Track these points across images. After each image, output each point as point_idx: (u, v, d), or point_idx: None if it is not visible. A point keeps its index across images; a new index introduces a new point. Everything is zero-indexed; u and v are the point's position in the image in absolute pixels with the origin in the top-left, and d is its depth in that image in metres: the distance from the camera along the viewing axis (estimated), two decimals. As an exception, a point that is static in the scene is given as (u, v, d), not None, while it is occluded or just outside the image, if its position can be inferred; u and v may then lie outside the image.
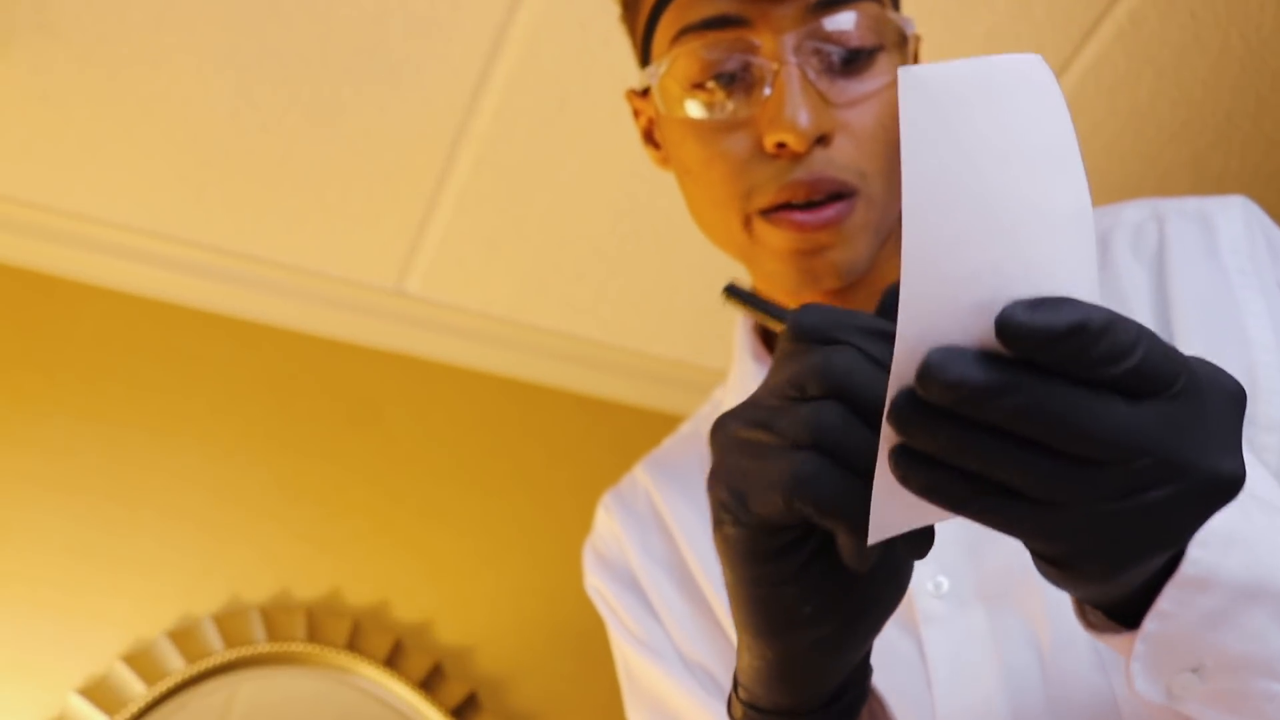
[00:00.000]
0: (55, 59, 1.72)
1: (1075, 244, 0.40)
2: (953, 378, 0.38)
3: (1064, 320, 0.37)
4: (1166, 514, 0.41)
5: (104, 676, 1.78)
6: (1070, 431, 0.38)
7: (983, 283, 0.39)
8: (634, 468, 0.93)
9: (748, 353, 0.84)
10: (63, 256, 1.96)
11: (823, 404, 0.44)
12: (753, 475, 0.46)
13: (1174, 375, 0.40)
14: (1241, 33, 1.80)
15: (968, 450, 0.39)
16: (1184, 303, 0.72)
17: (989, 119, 0.38)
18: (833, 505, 0.43)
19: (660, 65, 0.75)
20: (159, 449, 1.94)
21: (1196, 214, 0.77)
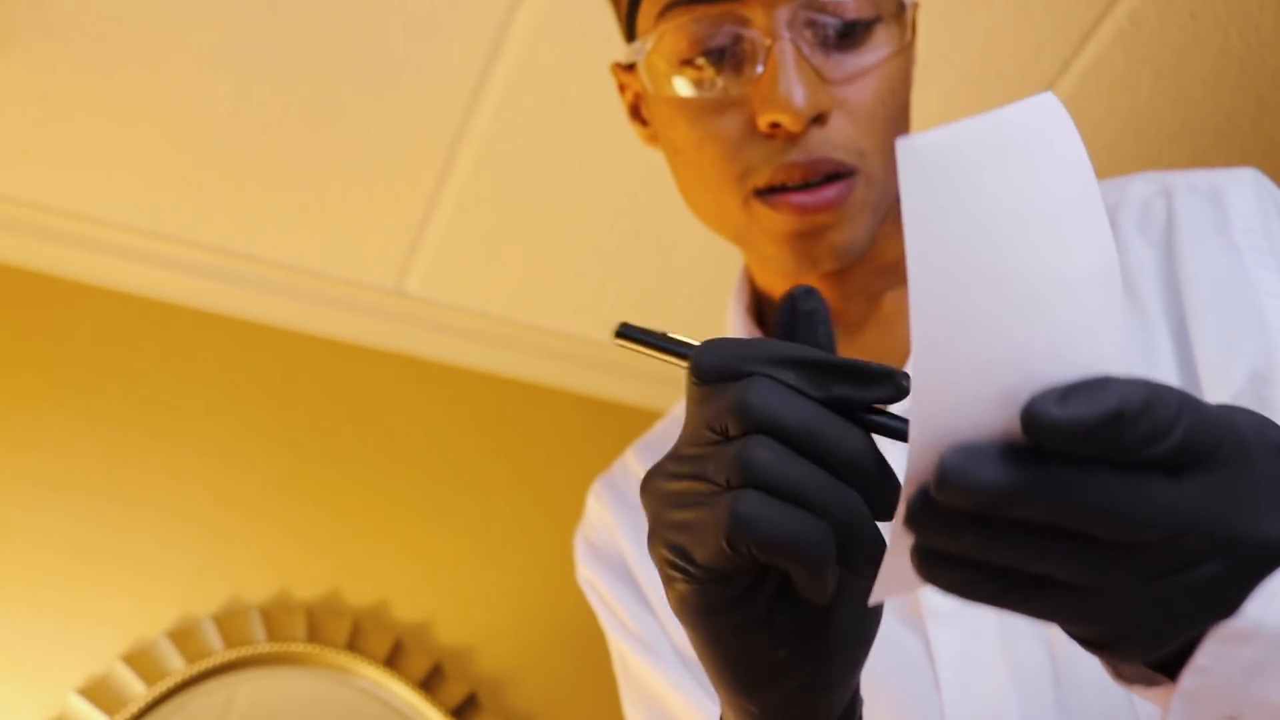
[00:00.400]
0: (55, 59, 1.72)
1: (1103, 306, 0.37)
2: (974, 483, 0.34)
3: (1099, 410, 0.34)
4: (1216, 587, 0.38)
5: (104, 676, 1.78)
6: (1110, 520, 0.35)
7: (1004, 367, 0.35)
8: (625, 452, 0.90)
9: (742, 334, 0.81)
10: (62, 256, 1.96)
11: (749, 440, 0.41)
12: (691, 526, 0.43)
13: (1218, 443, 0.37)
14: (1241, 33, 1.80)
15: (997, 551, 0.36)
16: (1196, 285, 0.69)
17: (999, 183, 0.35)
18: (777, 541, 0.40)
19: (646, 41, 0.71)
20: (159, 449, 1.94)
21: (1207, 189, 0.73)
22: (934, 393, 0.35)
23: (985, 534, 0.36)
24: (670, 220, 1.98)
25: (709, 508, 0.42)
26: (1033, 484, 0.35)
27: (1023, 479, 0.34)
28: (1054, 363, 0.35)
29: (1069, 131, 0.37)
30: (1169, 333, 0.69)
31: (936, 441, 0.35)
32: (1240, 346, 0.66)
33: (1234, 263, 0.69)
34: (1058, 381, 0.35)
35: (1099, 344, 0.36)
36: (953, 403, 0.35)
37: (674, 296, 2.13)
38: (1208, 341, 0.67)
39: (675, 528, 0.44)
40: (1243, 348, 0.66)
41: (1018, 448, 0.35)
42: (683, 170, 0.74)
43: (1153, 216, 0.74)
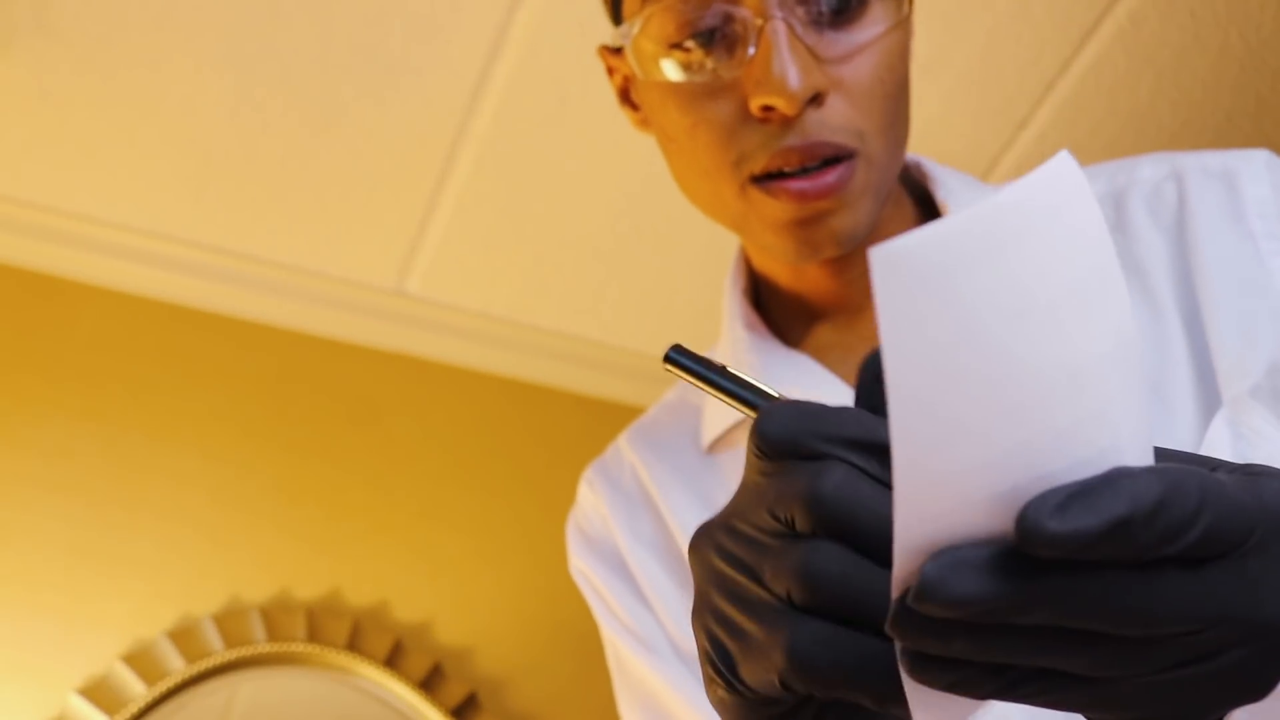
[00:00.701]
0: (55, 59, 1.72)
1: (1119, 388, 0.33)
2: (955, 597, 0.31)
3: (1104, 519, 0.31)
4: (1247, 673, 0.35)
5: (104, 677, 1.78)
6: (1118, 620, 0.32)
7: (999, 469, 0.32)
8: (618, 438, 0.86)
9: (738, 320, 0.78)
10: (62, 256, 1.96)
11: (817, 547, 0.35)
12: (741, 635, 0.38)
13: (1247, 531, 0.33)
14: (1241, 33, 1.80)
15: (994, 653, 0.33)
16: (1210, 273, 0.66)
17: (990, 279, 0.31)
18: (842, 677, 0.35)
19: (633, 24, 0.68)
20: (159, 449, 1.94)
21: (1219, 172, 0.70)
22: (918, 500, 0.32)
23: (979, 638, 0.33)
24: (670, 220, 1.98)
25: (764, 625, 0.37)
26: (1025, 595, 0.31)
27: (1013, 590, 0.31)
28: (1059, 458, 0.32)
29: (1079, 202, 0.33)
30: (1182, 324, 0.67)
31: (923, 545, 0.32)
32: (1258, 337, 0.63)
33: (1249, 250, 0.67)
34: (1063, 478, 0.32)
35: (1113, 431, 0.33)
36: (940, 509, 0.32)
37: (674, 296, 2.13)
38: (1223, 333, 0.64)
39: (723, 623, 0.39)
40: (1260, 339, 0.63)
41: (1010, 555, 0.32)
42: (675, 157, 0.71)
43: (1163, 201, 0.71)
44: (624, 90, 0.77)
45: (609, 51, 0.77)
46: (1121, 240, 0.71)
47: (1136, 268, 0.69)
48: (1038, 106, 1.89)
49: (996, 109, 1.89)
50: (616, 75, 0.78)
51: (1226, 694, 0.36)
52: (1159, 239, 0.70)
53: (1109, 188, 0.74)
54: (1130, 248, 0.70)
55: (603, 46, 0.77)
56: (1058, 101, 1.88)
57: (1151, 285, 0.69)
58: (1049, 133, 1.92)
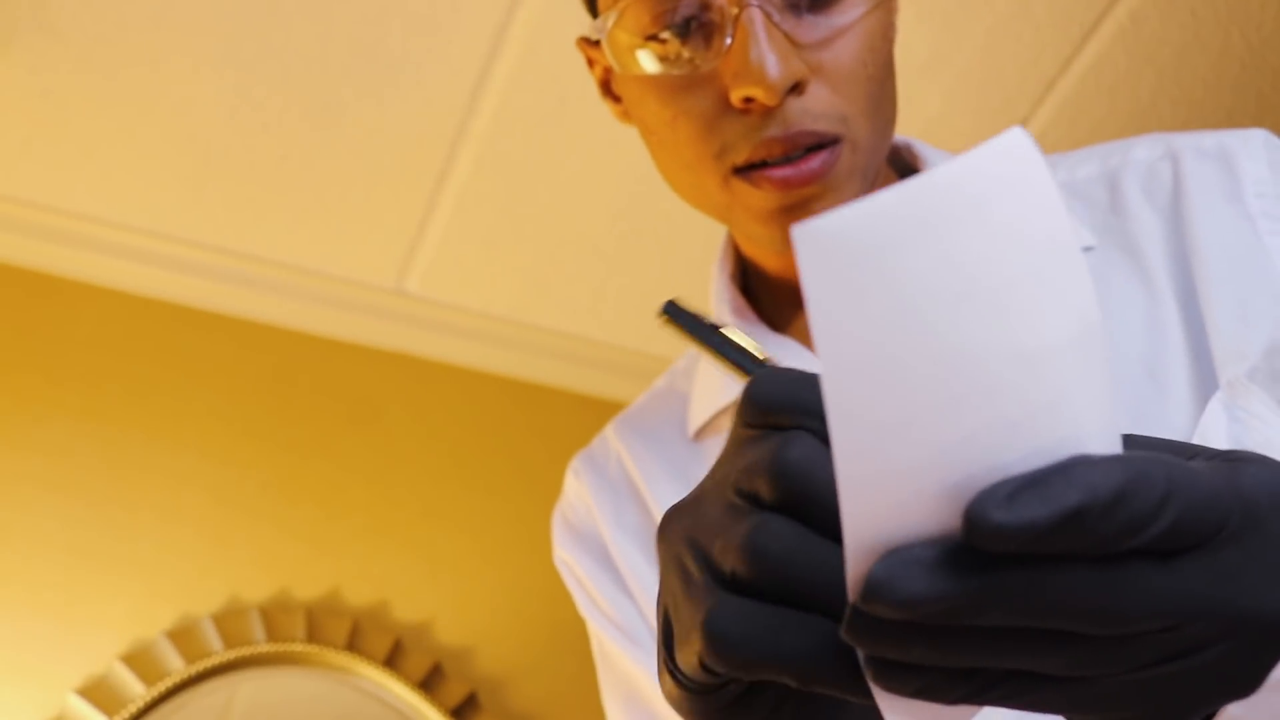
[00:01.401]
0: (55, 58, 1.72)
1: (1079, 375, 0.31)
2: (902, 597, 0.29)
3: (1055, 509, 0.29)
4: (1228, 669, 0.34)
5: (103, 677, 1.78)
6: (1085, 617, 0.31)
7: (948, 461, 0.30)
8: (605, 427, 0.85)
9: (726, 305, 0.77)
10: (62, 256, 1.96)
11: (768, 520, 0.34)
12: (680, 615, 0.36)
13: (1220, 521, 0.32)
14: (1242, 32, 1.80)
15: (958, 656, 0.31)
16: (1206, 254, 0.65)
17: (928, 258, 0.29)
18: (758, 656, 0.33)
19: (608, 17, 0.67)
20: (158, 449, 1.94)
21: (1216, 151, 0.69)
22: (864, 496, 0.30)
23: (939, 641, 0.31)
24: (670, 219, 1.98)
25: (693, 602, 0.35)
26: (979, 593, 0.30)
27: (965, 589, 0.30)
28: (1013, 448, 0.30)
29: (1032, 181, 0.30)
30: (1178, 305, 0.66)
31: (874, 545, 0.30)
32: (1255, 319, 0.62)
33: (1246, 230, 0.65)
34: (1017, 469, 0.30)
35: (1075, 421, 0.31)
36: (889, 505, 0.30)
37: (674, 295, 2.13)
38: (1220, 314, 0.63)
39: (671, 604, 0.37)
40: (1258, 320, 0.62)
41: (962, 552, 0.30)
42: (657, 149, 0.70)
43: (1159, 181, 0.70)
44: (605, 82, 0.76)
45: (587, 43, 0.75)
46: (1116, 221, 0.70)
47: (1131, 248, 0.68)
48: (1038, 105, 1.89)
49: (997, 108, 1.88)
50: (597, 67, 0.76)
51: (1212, 690, 0.34)
52: (1154, 219, 0.69)
53: (1103, 169, 0.73)
54: (1125, 228, 0.69)
55: (581, 39, 0.75)
56: (1058, 100, 1.88)
57: (1147, 266, 0.67)
58: (1050, 132, 1.92)
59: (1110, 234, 0.70)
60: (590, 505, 0.81)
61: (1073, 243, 0.31)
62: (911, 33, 1.76)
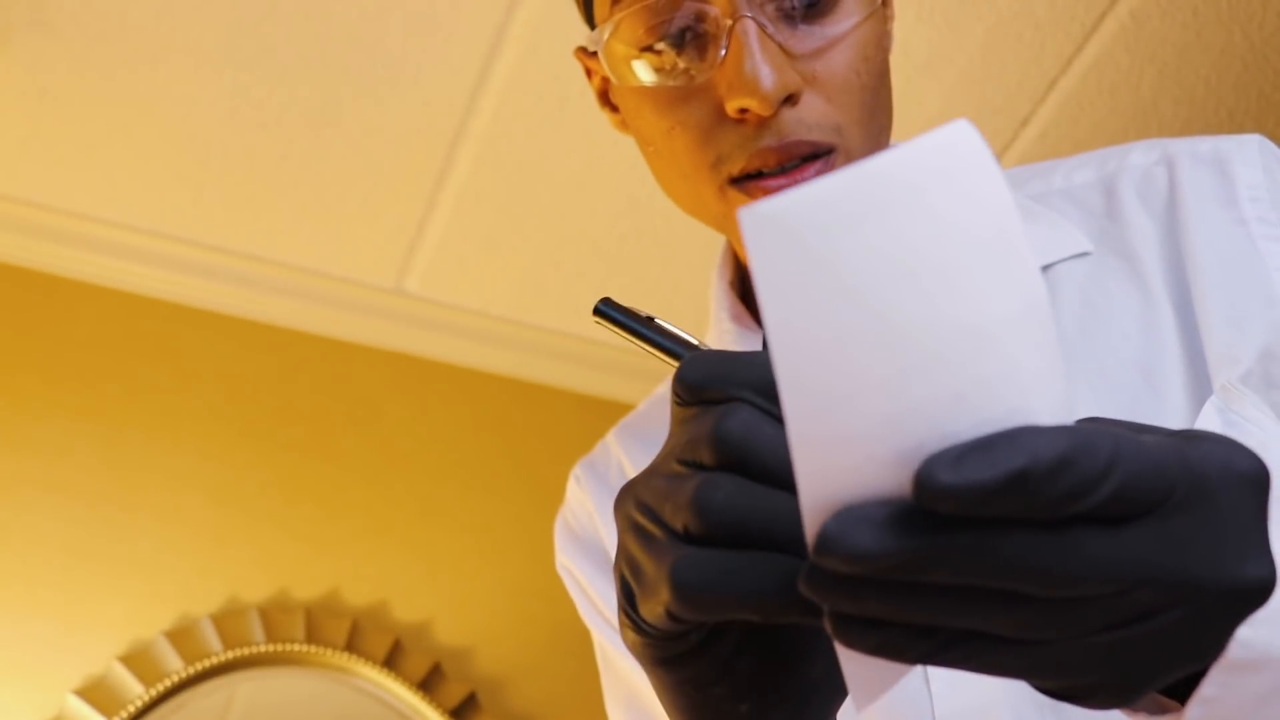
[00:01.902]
0: (53, 57, 1.71)
1: (1026, 349, 0.33)
2: (853, 550, 0.31)
3: (998, 472, 0.30)
4: (1184, 635, 0.35)
5: (102, 677, 1.78)
6: (1034, 578, 0.32)
7: (898, 428, 0.31)
8: (607, 434, 0.86)
9: (725, 312, 0.78)
10: (60, 255, 1.96)
11: (711, 478, 0.36)
12: (640, 574, 0.39)
13: (1167, 490, 0.33)
14: (1244, 31, 1.79)
15: (910, 612, 0.33)
16: (1201, 258, 0.66)
17: (875, 237, 0.31)
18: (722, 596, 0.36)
19: (604, 29, 0.67)
20: (157, 448, 1.93)
21: (1210, 157, 0.69)
22: (816, 458, 0.32)
23: (891, 596, 0.32)
24: (670, 219, 1.98)
25: (655, 559, 0.38)
26: (927, 550, 0.31)
27: (913, 545, 0.31)
28: (962, 417, 0.32)
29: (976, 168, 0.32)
30: (1173, 309, 0.66)
31: (829, 505, 0.32)
32: (1249, 323, 0.63)
33: (1241, 235, 0.66)
34: (966, 437, 0.32)
35: (1022, 393, 0.33)
36: (841, 468, 0.32)
37: (674, 295, 2.13)
38: (1214, 318, 0.64)
39: (629, 566, 0.40)
40: (1252, 324, 0.63)
41: (911, 512, 0.32)
42: (654, 159, 0.71)
43: (1154, 186, 0.70)
44: (603, 92, 0.77)
45: (585, 54, 0.76)
46: (1112, 226, 0.70)
47: (1127, 253, 0.69)
48: (1040, 104, 1.88)
49: (998, 107, 1.88)
50: (595, 77, 0.77)
51: (1168, 656, 0.36)
52: (1150, 224, 0.69)
53: (1099, 174, 0.74)
54: (1121, 233, 0.70)
55: (579, 49, 0.76)
56: (1060, 99, 1.88)
57: (1142, 271, 0.68)
58: (1051, 131, 1.92)
59: (1107, 239, 0.70)
60: (592, 511, 0.82)
61: (1017, 226, 0.33)
62: (911, 32, 1.75)
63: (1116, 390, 0.64)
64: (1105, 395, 0.64)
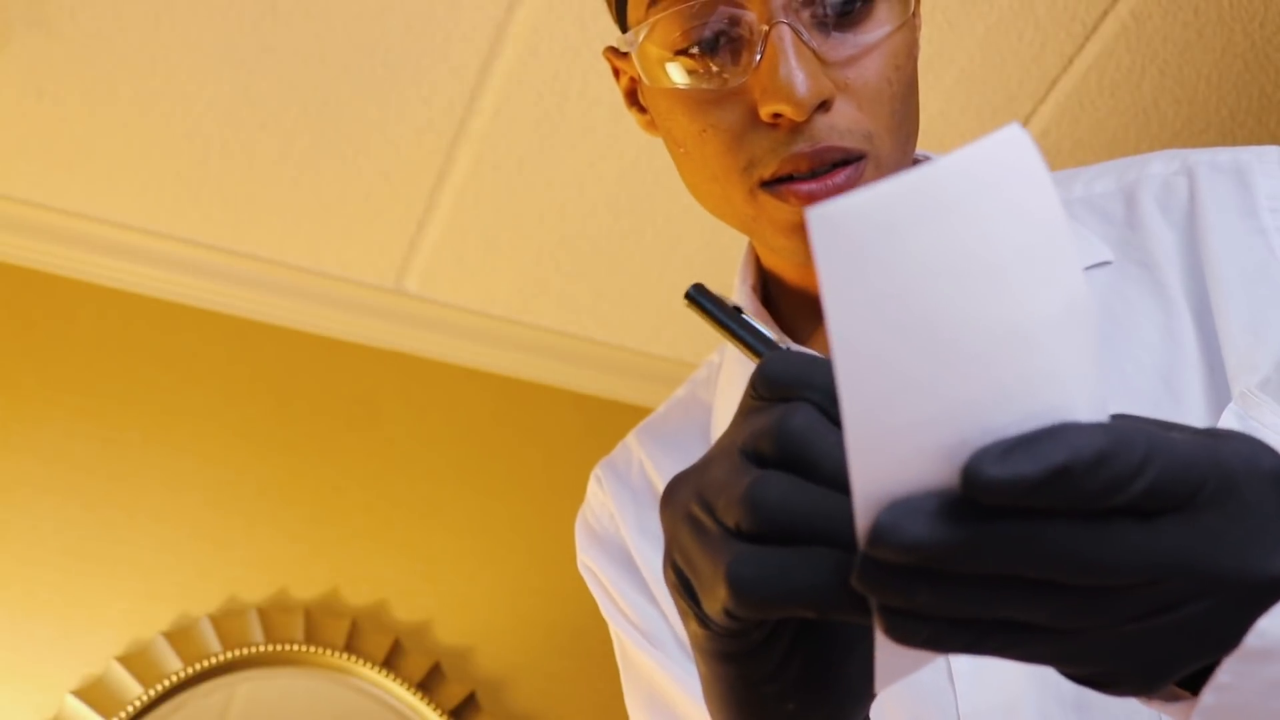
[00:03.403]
0: (52, 56, 1.71)
1: (1068, 349, 0.35)
2: (907, 541, 0.33)
3: (1043, 465, 0.32)
4: (1208, 626, 0.37)
5: (100, 677, 1.77)
6: (1072, 568, 0.34)
7: (947, 423, 0.33)
8: (627, 436, 0.88)
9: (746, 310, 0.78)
10: (58, 254, 1.96)
11: (766, 476, 0.38)
12: (698, 570, 0.40)
13: (1197, 485, 0.35)
14: (1245, 30, 1.79)
15: (956, 605, 0.35)
16: (1220, 267, 0.67)
17: (930, 238, 0.33)
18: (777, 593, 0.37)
19: (639, 31, 0.68)
20: (156, 449, 1.93)
21: (1231, 167, 0.71)
22: (870, 451, 0.33)
23: (941, 589, 0.34)
24: (671, 219, 1.98)
25: (711, 556, 0.39)
26: (976, 540, 0.33)
27: (963, 535, 0.33)
28: (1006, 414, 0.34)
29: (1027, 172, 0.34)
30: (1192, 317, 0.67)
31: (880, 498, 0.34)
32: (1268, 331, 0.64)
33: (1260, 244, 0.67)
34: (1011, 432, 0.34)
35: (1063, 391, 0.34)
36: (893, 461, 0.34)
37: (675, 295, 2.12)
38: (1233, 326, 0.65)
39: (687, 560, 0.41)
40: (1270, 332, 0.64)
41: (960, 502, 0.33)
42: (684, 161, 0.72)
43: (1174, 195, 0.71)
44: (631, 93, 0.78)
45: (615, 54, 0.77)
46: (1133, 235, 0.71)
47: (1148, 262, 0.70)
48: (1040, 104, 1.88)
49: (999, 106, 1.88)
50: (623, 77, 0.78)
51: (1193, 646, 0.37)
52: (1169, 233, 0.70)
53: (1119, 184, 0.75)
54: (1142, 242, 0.71)
55: (609, 49, 0.77)
56: (1060, 98, 1.87)
57: (1162, 280, 0.69)
58: (1052, 130, 1.92)
59: (1127, 248, 0.71)
60: (613, 512, 0.83)
61: (1064, 230, 0.35)
62: (913, 31, 1.75)
63: (1138, 397, 0.65)
64: (1126, 402, 0.65)
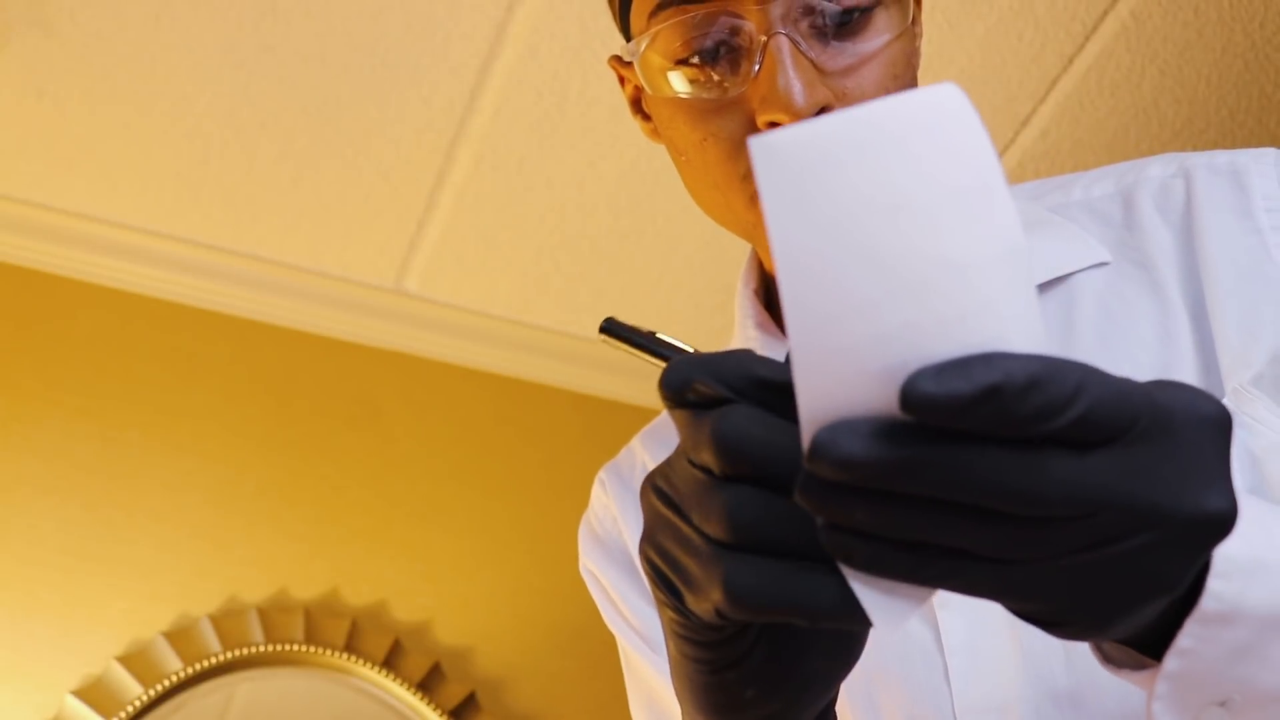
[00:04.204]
0: (52, 56, 1.71)
1: (1006, 289, 0.36)
2: (841, 457, 0.34)
3: (973, 384, 0.33)
4: (1149, 563, 0.37)
5: (100, 677, 1.77)
6: (1005, 495, 0.34)
7: (886, 347, 0.35)
8: (631, 440, 0.88)
9: (750, 319, 0.80)
10: (58, 254, 1.96)
11: (736, 492, 0.39)
12: (683, 571, 0.42)
13: (1130, 419, 0.35)
14: (1245, 29, 1.79)
15: (894, 524, 0.36)
16: (1216, 267, 0.67)
17: (872, 175, 0.35)
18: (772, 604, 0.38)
19: (641, 41, 0.69)
20: (156, 449, 1.93)
21: (1227, 169, 0.71)
22: (815, 375, 0.35)
23: (879, 507, 0.35)
24: (670, 219, 1.98)
25: (701, 564, 0.40)
26: (909, 459, 0.34)
27: (897, 454, 0.34)
28: (946, 342, 0.35)
29: (961, 124, 0.36)
30: (1188, 315, 0.68)
31: (823, 418, 0.36)
32: (1261, 328, 0.64)
33: (1255, 244, 0.68)
34: (949, 358, 0.35)
35: (1000, 324, 0.36)
36: (835, 381, 0.35)
37: (674, 295, 2.12)
38: (1227, 323, 0.65)
39: (665, 558, 0.43)
40: (1263, 328, 0.64)
41: (897, 424, 0.35)
42: (686, 169, 0.73)
43: (1171, 197, 0.72)
44: (636, 100, 0.79)
45: (619, 62, 0.78)
46: (1130, 236, 0.72)
47: (1145, 263, 0.70)
48: (1040, 104, 1.88)
49: (999, 106, 1.88)
50: (628, 85, 0.79)
51: (1135, 585, 0.38)
52: (1166, 234, 0.71)
53: (1117, 186, 0.75)
54: (1139, 243, 0.71)
55: (613, 58, 0.78)
56: (1060, 98, 1.87)
57: (1159, 279, 0.69)
58: (1051, 130, 1.92)
59: (1125, 249, 0.72)
60: (616, 516, 0.83)
61: (998, 180, 0.36)
62: (912, 31, 1.75)
63: None
64: None
